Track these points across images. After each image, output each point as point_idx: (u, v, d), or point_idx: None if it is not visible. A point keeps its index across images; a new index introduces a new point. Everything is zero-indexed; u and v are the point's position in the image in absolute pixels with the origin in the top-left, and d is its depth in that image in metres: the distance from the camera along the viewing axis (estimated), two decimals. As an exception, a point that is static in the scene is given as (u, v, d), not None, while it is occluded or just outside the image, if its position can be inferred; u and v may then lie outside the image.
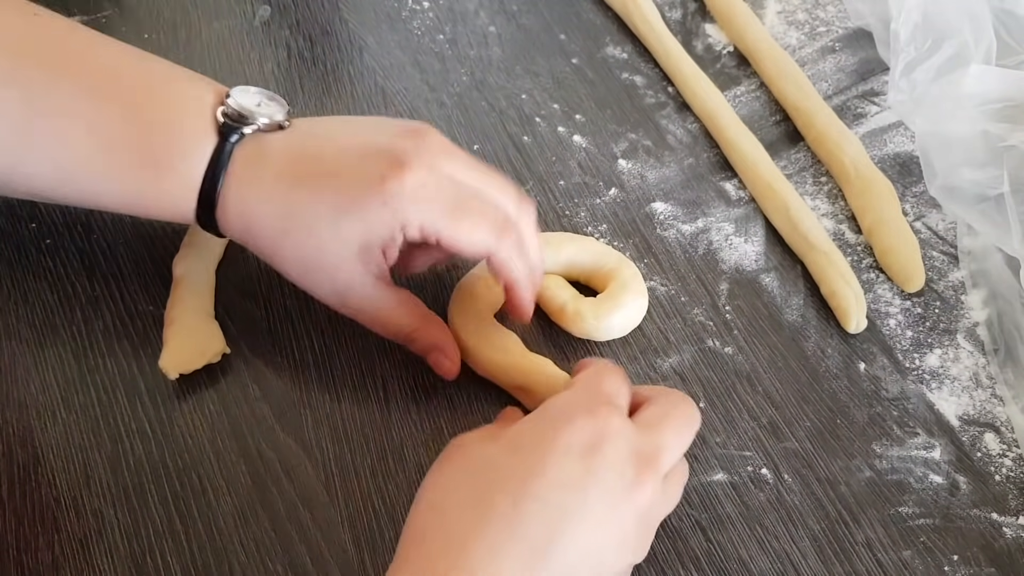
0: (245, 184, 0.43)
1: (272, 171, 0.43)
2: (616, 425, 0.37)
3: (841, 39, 0.62)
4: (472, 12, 0.63)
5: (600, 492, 0.36)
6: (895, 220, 0.52)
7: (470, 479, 0.36)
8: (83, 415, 0.46)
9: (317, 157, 0.43)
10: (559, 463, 0.36)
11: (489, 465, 0.36)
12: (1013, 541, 0.44)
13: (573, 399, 0.39)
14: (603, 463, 0.36)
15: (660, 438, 0.39)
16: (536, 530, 0.34)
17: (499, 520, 0.34)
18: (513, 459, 0.36)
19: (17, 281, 0.51)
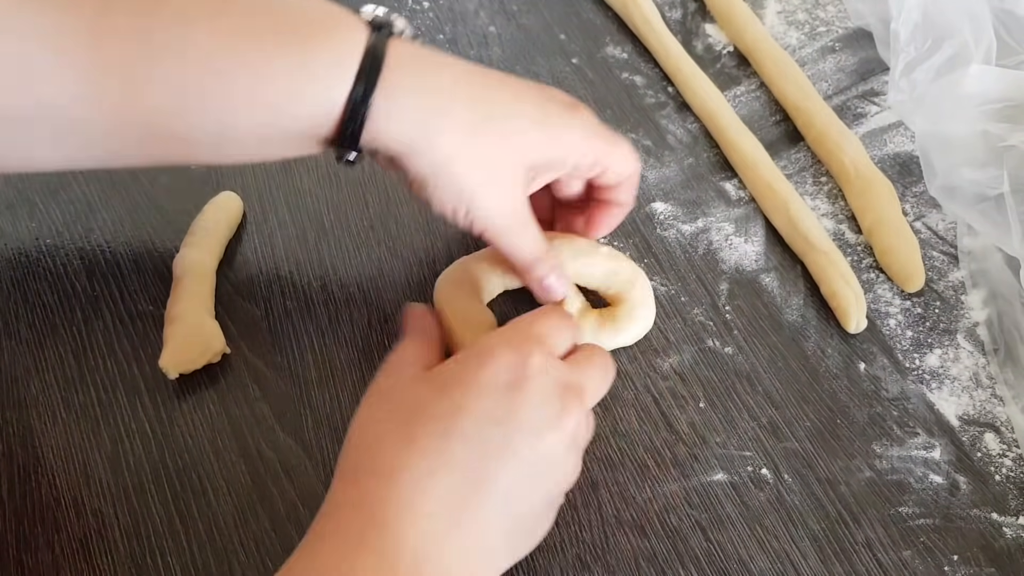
0: (421, 74, 0.39)
1: (453, 67, 0.40)
2: (538, 361, 0.37)
3: (841, 39, 0.62)
4: (472, 12, 0.63)
5: (525, 426, 0.36)
6: (895, 220, 0.52)
7: (398, 418, 0.36)
8: (83, 415, 0.46)
9: (492, 78, 0.42)
10: (482, 400, 0.36)
11: (417, 404, 0.37)
12: (1013, 541, 0.44)
13: (500, 337, 0.39)
14: (526, 398, 0.36)
15: (584, 374, 0.39)
16: (465, 463, 0.35)
17: (429, 454, 0.35)
18: (439, 397, 0.36)
19: (17, 281, 0.51)
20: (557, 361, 0.39)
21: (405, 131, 0.39)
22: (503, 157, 0.41)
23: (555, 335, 0.40)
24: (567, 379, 0.38)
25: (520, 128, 0.41)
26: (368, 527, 0.34)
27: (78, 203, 0.53)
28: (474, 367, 0.37)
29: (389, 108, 0.38)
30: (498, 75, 0.42)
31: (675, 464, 0.45)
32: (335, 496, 0.36)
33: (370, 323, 0.49)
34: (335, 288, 0.51)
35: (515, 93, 0.42)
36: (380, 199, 0.54)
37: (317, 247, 0.52)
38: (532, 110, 0.42)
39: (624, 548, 0.43)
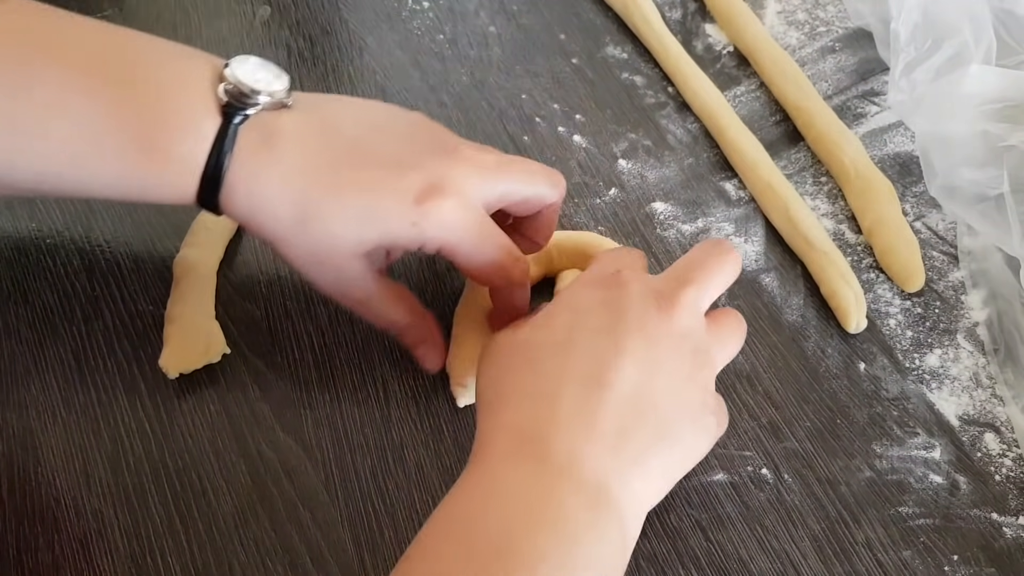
0: (256, 170, 0.41)
1: (289, 160, 0.41)
2: (627, 276, 0.40)
3: (841, 39, 0.62)
4: (472, 12, 0.63)
5: (629, 327, 0.38)
6: (895, 220, 0.52)
7: (515, 361, 0.40)
8: (83, 415, 0.46)
9: (340, 156, 0.42)
10: (587, 320, 0.39)
11: (527, 345, 0.40)
12: (1013, 541, 0.44)
13: (590, 272, 0.42)
14: (624, 304, 0.39)
15: (681, 276, 0.41)
16: (585, 376, 0.37)
17: (552, 374, 0.38)
18: (548, 332, 0.39)
19: (17, 281, 0.51)
20: (649, 277, 0.42)
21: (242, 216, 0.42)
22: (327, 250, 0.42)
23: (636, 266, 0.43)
24: (659, 287, 0.41)
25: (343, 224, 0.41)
26: (519, 447, 0.36)
27: (78, 203, 0.53)
28: (573, 296, 0.41)
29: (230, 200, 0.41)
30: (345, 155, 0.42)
31: (675, 464, 0.45)
32: (482, 433, 0.39)
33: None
34: (335, 288, 0.51)
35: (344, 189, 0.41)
36: (380, 199, 0.54)
37: (317, 247, 0.52)
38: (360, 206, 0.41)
39: (624, 548, 0.43)
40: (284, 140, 0.41)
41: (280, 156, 0.41)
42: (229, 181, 0.41)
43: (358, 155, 0.42)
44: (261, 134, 0.41)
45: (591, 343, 0.38)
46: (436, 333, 0.47)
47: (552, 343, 0.39)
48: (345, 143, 0.42)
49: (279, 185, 0.41)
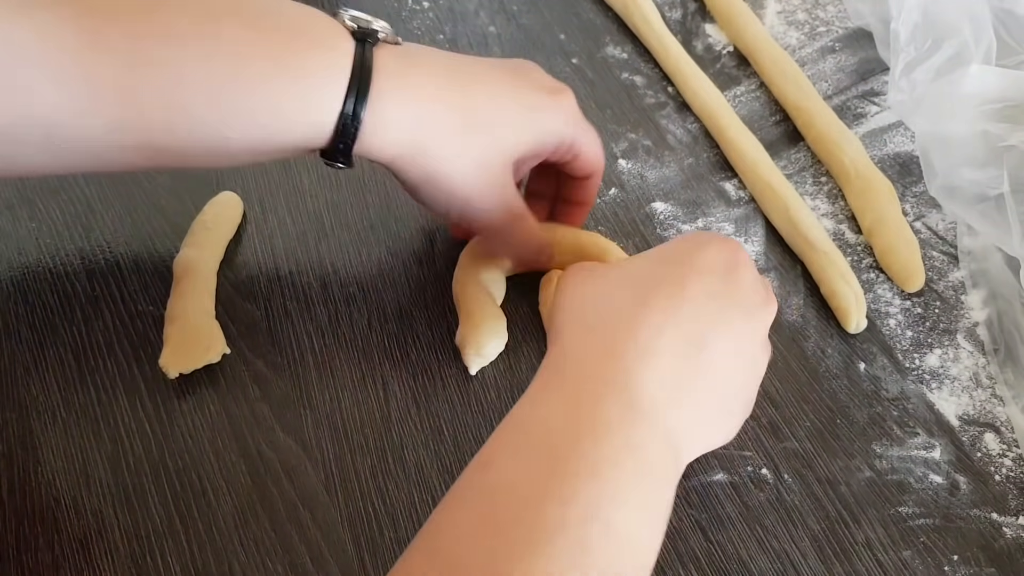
0: (408, 85, 0.40)
1: (437, 75, 0.41)
2: (745, 254, 0.41)
3: (841, 39, 0.62)
4: (472, 12, 0.63)
5: (738, 306, 0.39)
6: (895, 220, 0.52)
7: (628, 283, 0.39)
8: (83, 415, 0.46)
9: (477, 68, 0.43)
10: (704, 277, 0.39)
11: (641, 273, 0.40)
12: (1013, 541, 0.44)
13: (699, 235, 0.43)
14: (740, 282, 0.40)
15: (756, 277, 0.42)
16: (690, 326, 0.38)
17: (660, 312, 0.37)
18: (663, 269, 0.39)
19: (17, 281, 0.51)
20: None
21: (394, 143, 0.40)
22: (491, 156, 0.42)
23: None
24: (762, 278, 0.42)
25: (506, 123, 0.43)
26: (609, 370, 0.36)
27: (78, 203, 0.53)
28: (695, 247, 0.40)
29: (377, 122, 0.40)
30: (481, 68, 0.43)
31: (675, 464, 0.45)
32: (566, 341, 0.38)
33: (370, 323, 0.49)
34: (335, 288, 0.51)
35: (498, 86, 0.43)
36: (380, 199, 0.54)
37: (317, 247, 0.52)
38: (515, 103, 0.43)
39: (624, 548, 0.43)
40: (422, 57, 0.42)
41: (429, 68, 0.41)
42: (380, 94, 0.39)
43: (493, 75, 0.43)
44: (397, 53, 0.41)
45: (702, 302, 0.38)
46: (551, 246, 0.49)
47: (666, 278, 0.39)
48: (479, 69, 0.43)
49: (441, 92, 0.41)
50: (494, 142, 0.42)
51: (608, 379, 0.36)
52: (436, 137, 0.41)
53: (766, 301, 0.41)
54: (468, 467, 0.35)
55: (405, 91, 0.40)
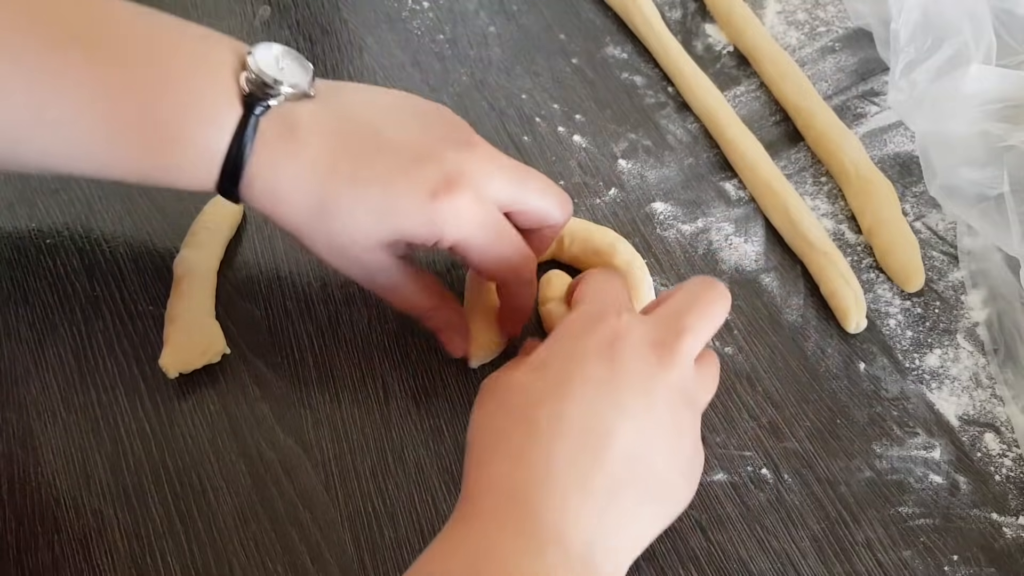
0: (275, 161, 0.41)
1: (308, 152, 0.41)
2: (626, 321, 0.39)
3: (841, 39, 0.62)
4: (472, 12, 0.63)
5: (629, 382, 0.37)
6: (895, 220, 0.52)
7: (507, 408, 0.38)
8: (83, 415, 0.46)
9: (359, 148, 0.42)
10: (584, 369, 0.37)
11: (521, 391, 0.38)
12: (1013, 541, 0.44)
13: (582, 314, 0.40)
14: (623, 356, 0.38)
15: (677, 323, 0.40)
16: (581, 432, 0.36)
17: (547, 430, 0.36)
18: (542, 379, 0.38)
19: (17, 281, 0.51)
20: (644, 318, 0.40)
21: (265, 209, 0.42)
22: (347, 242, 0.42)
23: (624, 296, 0.43)
24: (657, 334, 0.39)
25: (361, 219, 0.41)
26: (506, 508, 0.35)
27: (78, 203, 0.53)
28: (568, 344, 0.39)
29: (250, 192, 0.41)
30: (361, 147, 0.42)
31: (675, 464, 0.45)
32: (469, 486, 0.37)
33: (370, 323, 0.49)
34: (335, 288, 0.51)
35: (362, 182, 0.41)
36: (380, 199, 0.54)
37: (317, 247, 0.52)
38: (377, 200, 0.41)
39: (624, 548, 0.43)
40: (303, 132, 0.41)
41: (299, 149, 0.41)
42: (249, 172, 0.40)
43: (376, 145, 0.42)
44: (281, 126, 0.41)
45: (588, 398, 0.37)
46: (461, 317, 0.47)
47: (547, 392, 0.37)
48: (364, 133, 0.42)
49: (298, 178, 0.41)
50: (346, 232, 0.41)
51: (506, 522, 0.35)
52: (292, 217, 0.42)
53: (658, 363, 0.38)
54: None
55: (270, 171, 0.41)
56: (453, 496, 0.44)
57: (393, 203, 0.41)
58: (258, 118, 0.40)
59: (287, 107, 0.41)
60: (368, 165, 0.41)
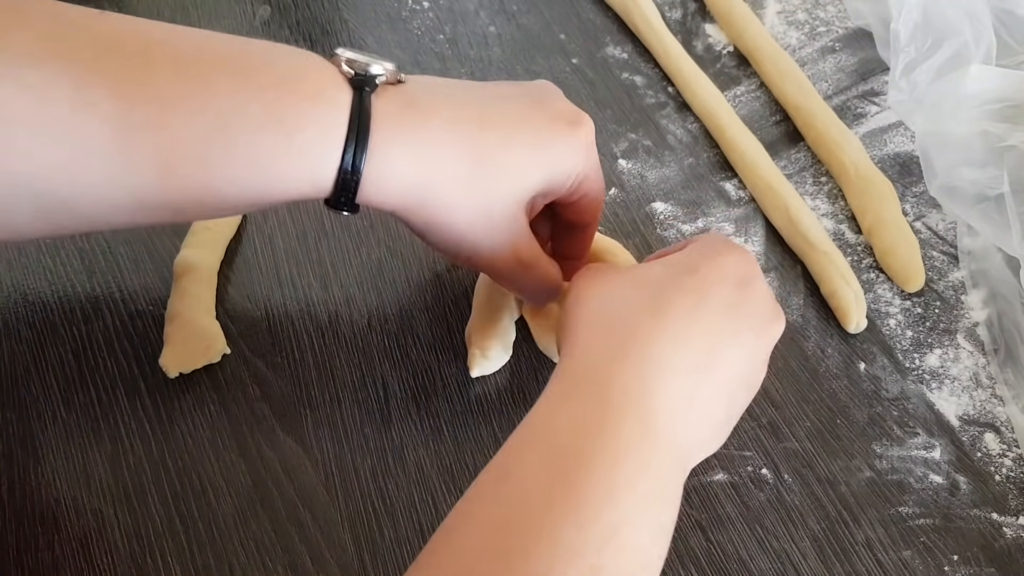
0: (409, 132, 0.38)
1: (440, 117, 0.39)
2: (758, 267, 0.41)
3: (841, 39, 0.62)
4: (472, 12, 0.63)
5: (753, 318, 0.39)
6: (895, 220, 0.52)
7: (643, 290, 0.39)
8: (83, 415, 0.46)
9: (486, 103, 0.41)
10: (721, 288, 0.39)
11: (661, 279, 0.39)
12: (1013, 541, 0.44)
13: (714, 241, 0.42)
14: (754, 295, 0.40)
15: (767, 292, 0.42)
16: (704, 340, 0.37)
17: (678, 324, 0.37)
18: (680, 278, 0.39)
19: (17, 281, 0.51)
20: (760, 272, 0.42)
21: (396, 193, 0.39)
22: (499, 202, 0.40)
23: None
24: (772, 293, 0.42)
25: (517, 164, 0.40)
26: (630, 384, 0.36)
27: (78, 203, 0.53)
28: (713, 255, 0.40)
29: (377, 174, 0.38)
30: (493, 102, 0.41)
31: (675, 464, 0.45)
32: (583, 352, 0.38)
33: (370, 323, 0.49)
34: (335, 288, 0.51)
35: (510, 123, 0.40)
36: (380, 199, 0.54)
37: (317, 247, 0.52)
38: (528, 141, 0.40)
39: (624, 548, 0.43)
40: (424, 99, 0.39)
41: (431, 110, 0.39)
42: (378, 146, 0.37)
43: (508, 108, 0.41)
44: (397, 99, 0.39)
45: (717, 318, 0.38)
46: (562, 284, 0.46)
47: (687, 290, 0.38)
48: (491, 103, 0.41)
49: (444, 135, 0.39)
50: (502, 187, 0.39)
51: (625, 392, 0.35)
52: (439, 185, 0.39)
53: (775, 316, 0.41)
54: (482, 475, 0.34)
55: (405, 140, 0.38)
56: (453, 496, 0.44)
57: (543, 138, 0.40)
58: (370, 95, 0.38)
59: (393, 88, 0.39)
60: (504, 112, 0.40)
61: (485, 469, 0.35)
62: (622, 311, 0.38)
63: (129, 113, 0.35)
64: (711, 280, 0.39)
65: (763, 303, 0.40)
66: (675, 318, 0.37)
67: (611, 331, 0.38)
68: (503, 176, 0.39)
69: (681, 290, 0.38)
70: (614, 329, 0.38)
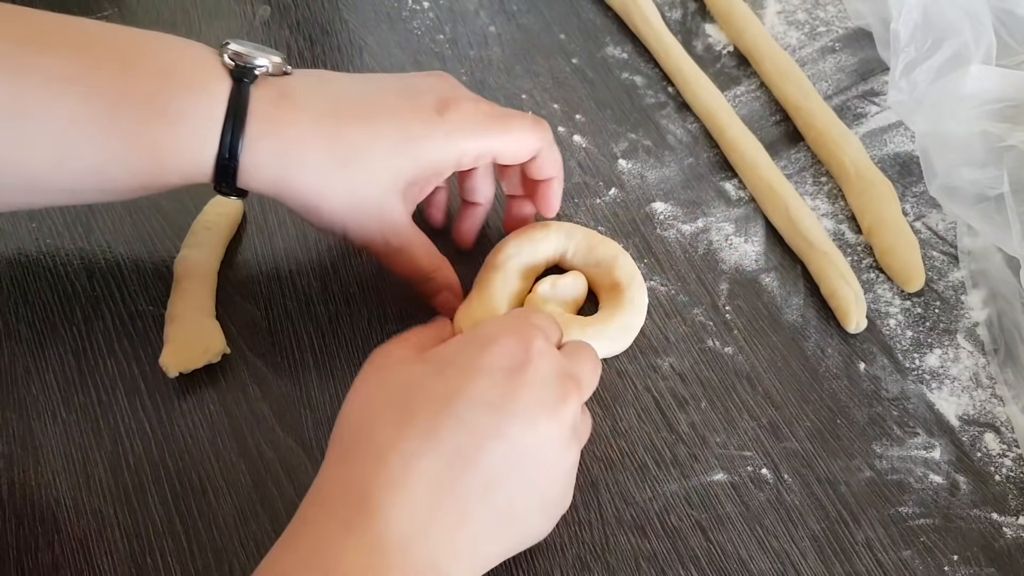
0: (279, 125, 0.41)
1: (311, 111, 0.41)
2: (540, 346, 0.38)
3: (841, 39, 0.62)
4: (472, 12, 0.63)
5: (520, 411, 0.36)
6: (895, 220, 0.52)
7: (394, 398, 0.37)
8: (83, 415, 0.46)
9: (360, 97, 0.43)
10: (481, 383, 0.36)
11: (414, 384, 0.37)
12: (1013, 541, 0.44)
13: (502, 323, 0.40)
14: (525, 383, 0.37)
15: (580, 364, 0.40)
16: (452, 447, 0.35)
17: (418, 436, 0.35)
18: (437, 379, 0.37)
19: (17, 281, 0.51)
20: (555, 349, 0.40)
21: (269, 181, 0.41)
22: (365, 192, 0.42)
23: (550, 328, 0.41)
24: (566, 368, 0.39)
25: (379, 156, 0.42)
26: (355, 510, 0.34)
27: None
28: (475, 349, 0.38)
29: (251, 162, 0.40)
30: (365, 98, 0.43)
31: (675, 464, 0.45)
32: (322, 479, 0.36)
33: (370, 323, 0.49)
34: (335, 288, 0.51)
35: (376, 117, 0.42)
36: (380, 199, 0.54)
37: (317, 247, 0.52)
38: (392, 132, 0.42)
39: (624, 548, 0.43)
40: (299, 97, 0.42)
41: (299, 110, 0.41)
42: (253, 141, 0.40)
43: (379, 98, 0.43)
44: (274, 91, 0.41)
45: (473, 415, 0.35)
46: (455, 279, 0.48)
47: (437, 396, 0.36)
48: (365, 92, 0.43)
49: (306, 135, 0.41)
50: (366, 178, 0.42)
51: (352, 521, 0.33)
52: (302, 176, 0.41)
53: (562, 398, 0.37)
54: None
55: (274, 132, 0.40)
56: (453, 496, 0.44)
57: (407, 130, 0.42)
58: (249, 87, 0.41)
59: (275, 80, 0.42)
60: (372, 105, 0.42)
61: None
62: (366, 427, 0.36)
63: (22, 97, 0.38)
64: (470, 377, 0.36)
65: (540, 390, 0.37)
66: (416, 431, 0.35)
67: (348, 455, 0.36)
68: (366, 168, 0.42)
69: (431, 396, 0.36)
70: (352, 452, 0.36)
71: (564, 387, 0.38)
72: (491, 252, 0.50)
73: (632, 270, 0.49)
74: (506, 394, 0.36)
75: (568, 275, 0.49)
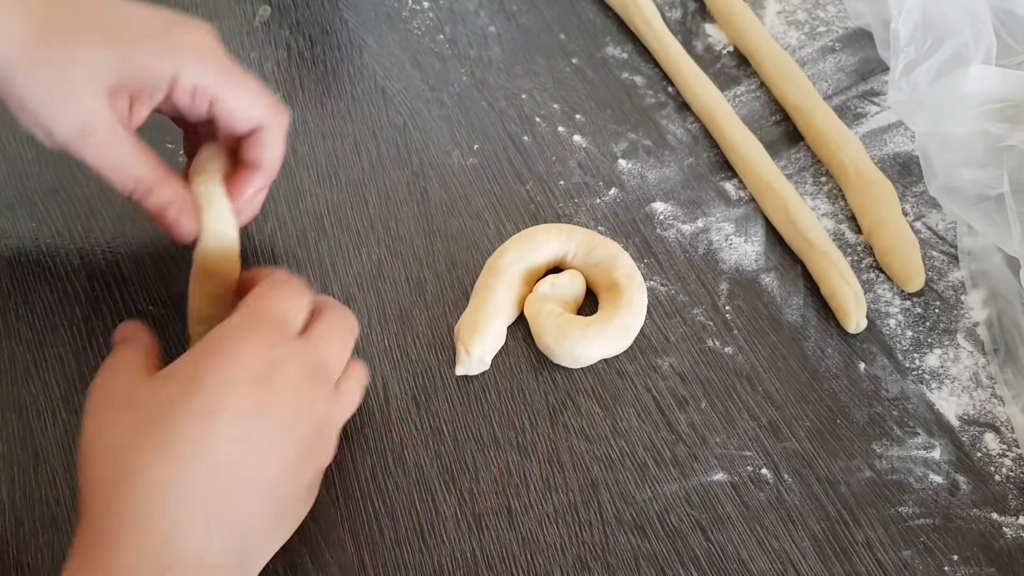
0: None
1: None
2: (284, 351, 0.37)
3: (841, 39, 0.62)
4: (472, 12, 0.63)
5: (282, 417, 0.36)
6: (895, 220, 0.52)
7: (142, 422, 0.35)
8: (83, 415, 0.46)
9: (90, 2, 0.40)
10: (234, 395, 0.35)
11: (164, 404, 0.35)
12: (1013, 541, 0.44)
13: (240, 325, 0.38)
14: (276, 389, 0.36)
15: (326, 350, 0.39)
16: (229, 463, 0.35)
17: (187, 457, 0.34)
18: (187, 396, 0.35)
19: (17, 281, 0.51)
20: (299, 343, 0.38)
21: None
22: (69, 73, 0.39)
23: (292, 309, 0.39)
24: (313, 360, 0.38)
25: (89, 44, 0.39)
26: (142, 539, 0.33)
27: (78, 203, 0.53)
28: (218, 362, 0.36)
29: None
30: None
31: (675, 464, 0.46)
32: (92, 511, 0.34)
33: (370, 323, 0.49)
34: (335, 288, 0.51)
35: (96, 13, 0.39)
36: (380, 199, 0.54)
37: (317, 247, 0.52)
38: (108, 28, 0.39)
39: (624, 548, 0.43)
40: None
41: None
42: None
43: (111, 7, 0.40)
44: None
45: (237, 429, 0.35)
46: (187, 195, 0.43)
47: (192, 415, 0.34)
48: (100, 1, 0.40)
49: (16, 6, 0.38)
50: (72, 59, 0.38)
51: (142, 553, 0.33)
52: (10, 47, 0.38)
53: (312, 395, 0.37)
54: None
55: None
56: (453, 496, 0.44)
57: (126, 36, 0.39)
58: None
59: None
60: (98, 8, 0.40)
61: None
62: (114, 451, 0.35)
63: None
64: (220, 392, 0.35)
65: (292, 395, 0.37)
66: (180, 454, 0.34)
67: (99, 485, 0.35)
68: (71, 53, 0.39)
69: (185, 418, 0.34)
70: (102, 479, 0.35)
71: (314, 384, 0.38)
72: (492, 257, 0.50)
73: (632, 270, 0.49)
74: (263, 404, 0.36)
75: (565, 273, 0.49)
